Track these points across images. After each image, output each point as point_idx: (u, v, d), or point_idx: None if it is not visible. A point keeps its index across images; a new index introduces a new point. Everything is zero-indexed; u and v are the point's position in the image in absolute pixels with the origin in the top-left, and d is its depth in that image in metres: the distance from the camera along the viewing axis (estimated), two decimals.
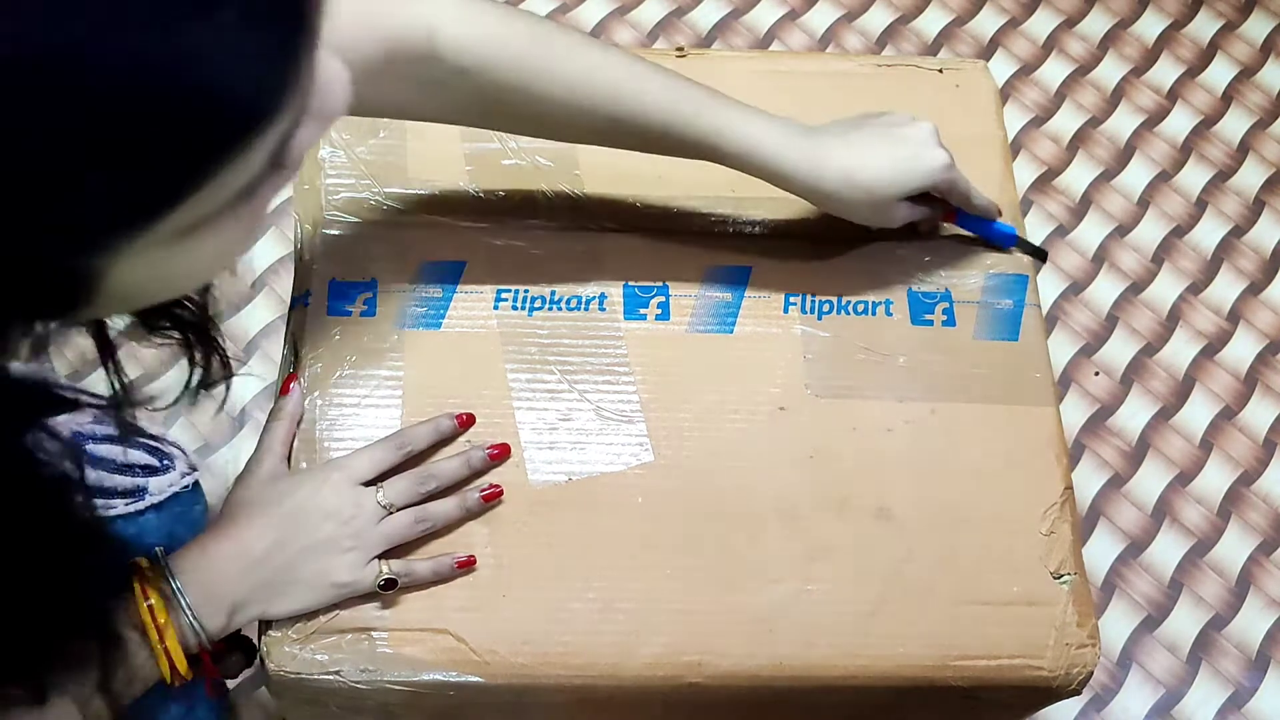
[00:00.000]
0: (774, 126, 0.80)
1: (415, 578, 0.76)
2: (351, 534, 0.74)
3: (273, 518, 0.73)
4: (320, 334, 0.84)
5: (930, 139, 0.83)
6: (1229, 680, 1.33)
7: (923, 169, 0.82)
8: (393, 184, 0.90)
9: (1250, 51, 1.70)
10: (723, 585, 0.80)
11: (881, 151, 0.82)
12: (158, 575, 0.70)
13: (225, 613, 0.71)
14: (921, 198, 0.86)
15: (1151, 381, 1.48)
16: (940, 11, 1.70)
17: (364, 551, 0.74)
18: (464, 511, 0.78)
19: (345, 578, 0.73)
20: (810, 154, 0.80)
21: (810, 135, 0.81)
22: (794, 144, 0.80)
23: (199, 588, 0.70)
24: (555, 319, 0.86)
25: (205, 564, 0.71)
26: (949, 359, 0.88)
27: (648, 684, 0.78)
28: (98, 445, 0.97)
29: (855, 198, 0.82)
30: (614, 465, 0.82)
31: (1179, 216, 1.58)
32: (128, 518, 0.99)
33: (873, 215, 0.85)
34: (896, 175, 0.82)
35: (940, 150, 0.83)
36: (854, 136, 0.82)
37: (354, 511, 0.74)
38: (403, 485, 0.77)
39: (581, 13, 1.66)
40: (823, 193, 0.81)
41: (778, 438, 0.84)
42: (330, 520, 0.73)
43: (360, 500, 0.75)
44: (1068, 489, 0.85)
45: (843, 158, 0.81)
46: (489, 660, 0.76)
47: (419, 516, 0.76)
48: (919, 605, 0.80)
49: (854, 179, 0.81)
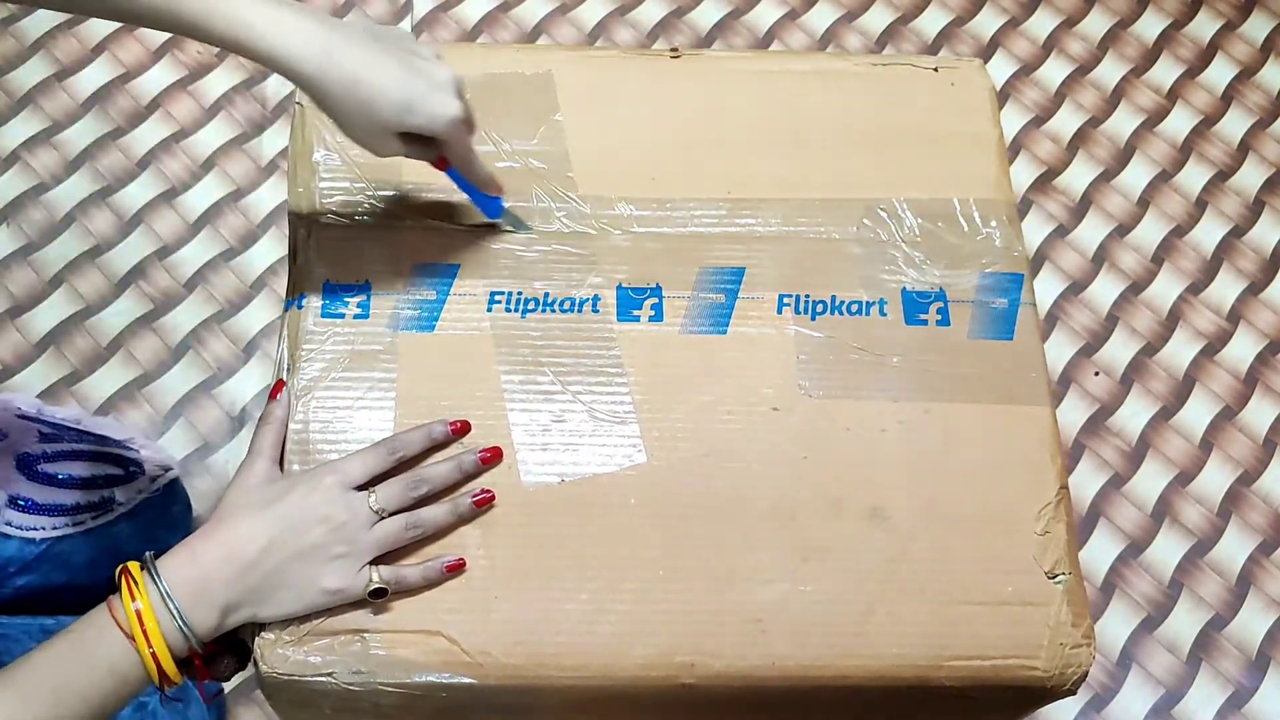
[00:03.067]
0: (282, 7, 0.72)
1: (405, 584, 0.76)
2: (343, 539, 0.73)
3: (264, 521, 0.73)
4: (314, 336, 0.84)
5: (449, 85, 0.77)
6: (1229, 680, 1.33)
7: (430, 110, 0.76)
8: (386, 187, 0.90)
9: (1250, 51, 1.70)
10: (716, 586, 0.80)
11: (396, 74, 0.75)
12: (146, 579, 0.70)
13: (216, 615, 0.71)
14: (417, 140, 0.79)
15: (1151, 381, 1.48)
16: (940, 11, 1.70)
17: (355, 558, 0.74)
18: (456, 517, 0.78)
19: (335, 584, 0.73)
20: (323, 45, 0.73)
21: (328, 25, 0.74)
22: (303, 28, 0.72)
23: (188, 591, 0.70)
24: (549, 321, 0.86)
25: (195, 567, 0.71)
26: (943, 359, 0.88)
27: (641, 685, 0.78)
28: (50, 464, 0.97)
29: (352, 107, 0.74)
30: (607, 466, 0.82)
31: (1179, 216, 1.58)
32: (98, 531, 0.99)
33: (364, 134, 0.77)
34: (402, 103, 0.75)
35: (455, 100, 0.77)
36: (375, 47, 0.75)
37: (346, 516, 0.74)
38: (394, 490, 0.76)
39: (581, 13, 1.66)
40: (322, 88, 0.73)
41: (771, 438, 0.84)
42: (322, 525, 0.73)
43: (352, 505, 0.74)
44: (1063, 488, 0.85)
45: (357, 61, 0.73)
46: (482, 662, 0.76)
47: (410, 523, 0.76)
48: (913, 605, 0.80)
49: (360, 88, 0.74)
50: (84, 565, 0.98)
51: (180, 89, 1.58)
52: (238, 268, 1.49)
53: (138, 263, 1.47)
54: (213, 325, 1.45)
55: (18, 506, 0.94)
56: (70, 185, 1.51)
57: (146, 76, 1.58)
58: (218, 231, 1.50)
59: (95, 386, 1.41)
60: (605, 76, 0.96)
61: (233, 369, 1.43)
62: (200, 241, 1.50)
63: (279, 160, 1.54)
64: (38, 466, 0.96)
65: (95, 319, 1.44)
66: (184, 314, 1.46)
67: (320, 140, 0.90)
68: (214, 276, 1.48)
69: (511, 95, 0.94)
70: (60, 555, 0.96)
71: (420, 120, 0.76)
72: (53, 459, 0.98)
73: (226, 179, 1.52)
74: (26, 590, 0.96)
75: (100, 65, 1.59)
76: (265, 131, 1.56)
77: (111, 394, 1.40)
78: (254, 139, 1.55)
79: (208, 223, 1.51)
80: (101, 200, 1.51)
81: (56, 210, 1.50)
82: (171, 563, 0.71)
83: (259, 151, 1.55)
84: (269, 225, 1.51)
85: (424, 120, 0.76)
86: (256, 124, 1.56)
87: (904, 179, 0.94)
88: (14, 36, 1.60)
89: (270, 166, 1.54)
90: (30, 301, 1.45)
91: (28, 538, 0.95)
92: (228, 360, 1.43)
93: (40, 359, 1.42)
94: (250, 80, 1.59)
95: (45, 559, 0.96)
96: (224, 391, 1.42)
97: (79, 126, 1.55)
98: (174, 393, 1.41)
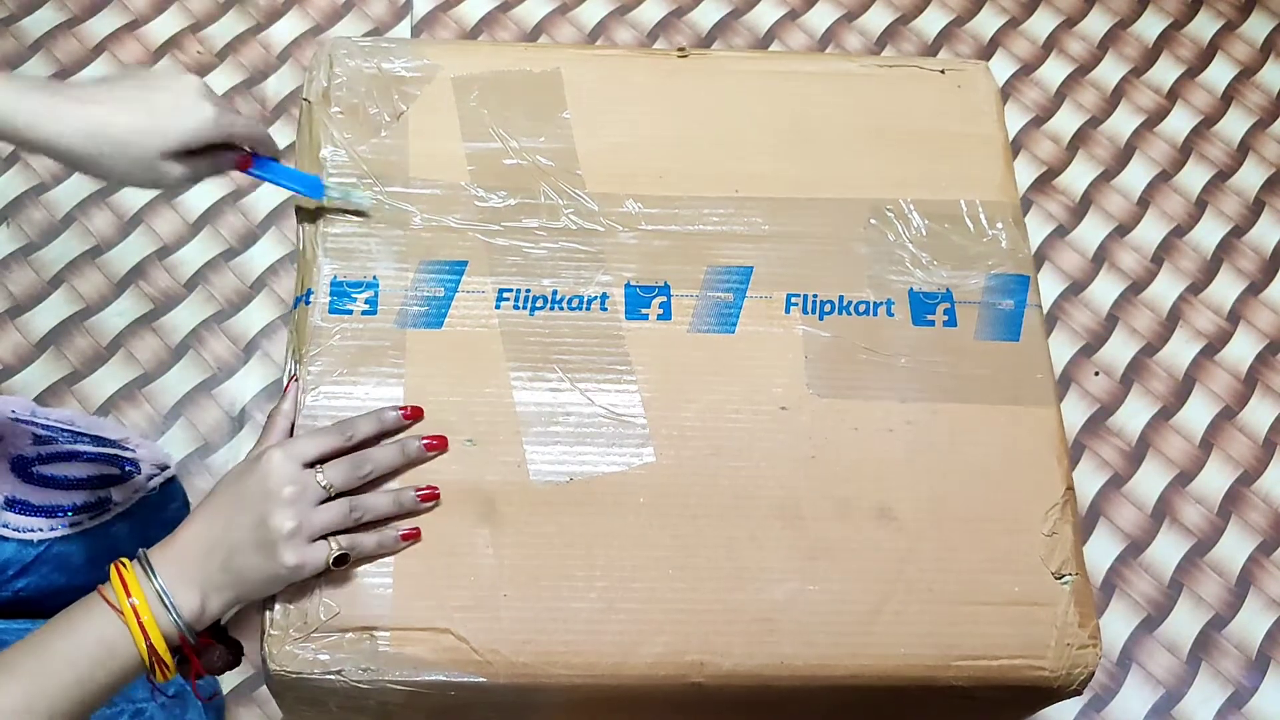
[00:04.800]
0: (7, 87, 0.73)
1: (363, 551, 0.77)
2: (292, 515, 0.74)
3: (223, 499, 0.75)
4: (322, 333, 0.84)
5: (193, 92, 0.78)
6: (1229, 680, 1.33)
7: (188, 122, 0.77)
8: (394, 183, 0.90)
9: (1250, 51, 1.70)
10: (724, 585, 0.80)
11: (137, 104, 0.76)
12: (135, 564, 0.73)
13: (198, 597, 0.72)
14: (204, 152, 0.80)
15: (1151, 381, 1.48)
16: (940, 11, 1.70)
17: (304, 534, 0.74)
18: (398, 506, 0.79)
19: (292, 559, 0.74)
20: (51, 109, 0.73)
21: (51, 89, 0.75)
22: (30, 99, 0.73)
23: (171, 572, 0.72)
24: (557, 319, 0.86)
25: (175, 550, 0.73)
26: (950, 359, 0.88)
27: (649, 683, 0.78)
28: (45, 465, 0.97)
29: (107, 154, 0.75)
30: (616, 465, 0.82)
31: (1179, 216, 1.58)
32: (95, 531, 0.99)
33: (139, 174, 0.77)
34: (156, 127, 0.76)
35: (204, 102, 0.78)
36: (103, 92, 0.76)
37: (295, 493, 0.75)
38: (341, 469, 0.77)
39: (581, 13, 1.66)
40: (65, 150, 0.74)
41: (779, 438, 0.84)
42: (270, 500, 0.74)
43: (302, 480, 0.75)
44: (1069, 489, 0.85)
45: (88, 113, 0.74)
46: (491, 660, 0.76)
47: (354, 505, 0.77)
48: (920, 605, 0.80)
49: (104, 134, 0.74)
50: (82, 566, 0.98)
51: None
52: (238, 268, 1.48)
53: (138, 263, 1.47)
54: (213, 325, 1.45)
55: (14, 509, 0.94)
56: (70, 185, 1.51)
57: None
58: (218, 231, 1.50)
59: (95, 386, 1.41)
60: (613, 75, 0.96)
61: (233, 369, 1.43)
62: (200, 241, 1.49)
63: None
64: (33, 468, 0.96)
65: (95, 319, 1.44)
66: (184, 314, 1.45)
67: (328, 137, 0.90)
68: (214, 276, 1.48)
69: (519, 93, 0.94)
70: (58, 557, 0.96)
71: (185, 136, 0.77)
72: (48, 460, 0.98)
73: (226, 179, 1.52)
74: (25, 593, 0.96)
75: (100, 65, 1.58)
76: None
77: (111, 394, 1.40)
78: None
79: (208, 223, 1.50)
80: (101, 200, 1.50)
81: (56, 210, 1.50)
82: (158, 552, 0.73)
83: None
84: (269, 225, 1.51)
85: (189, 134, 0.78)
86: None
87: (911, 180, 0.94)
88: (14, 36, 1.60)
89: None
90: (30, 301, 1.44)
91: (25, 540, 0.94)
92: (228, 360, 1.43)
93: (40, 359, 1.41)
94: (250, 80, 1.59)
95: (43, 561, 0.96)
96: (224, 391, 1.42)
97: None
98: (174, 393, 1.41)
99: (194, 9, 1.63)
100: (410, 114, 0.92)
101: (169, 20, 1.62)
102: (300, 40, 1.63)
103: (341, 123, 0.91)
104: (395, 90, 0.93)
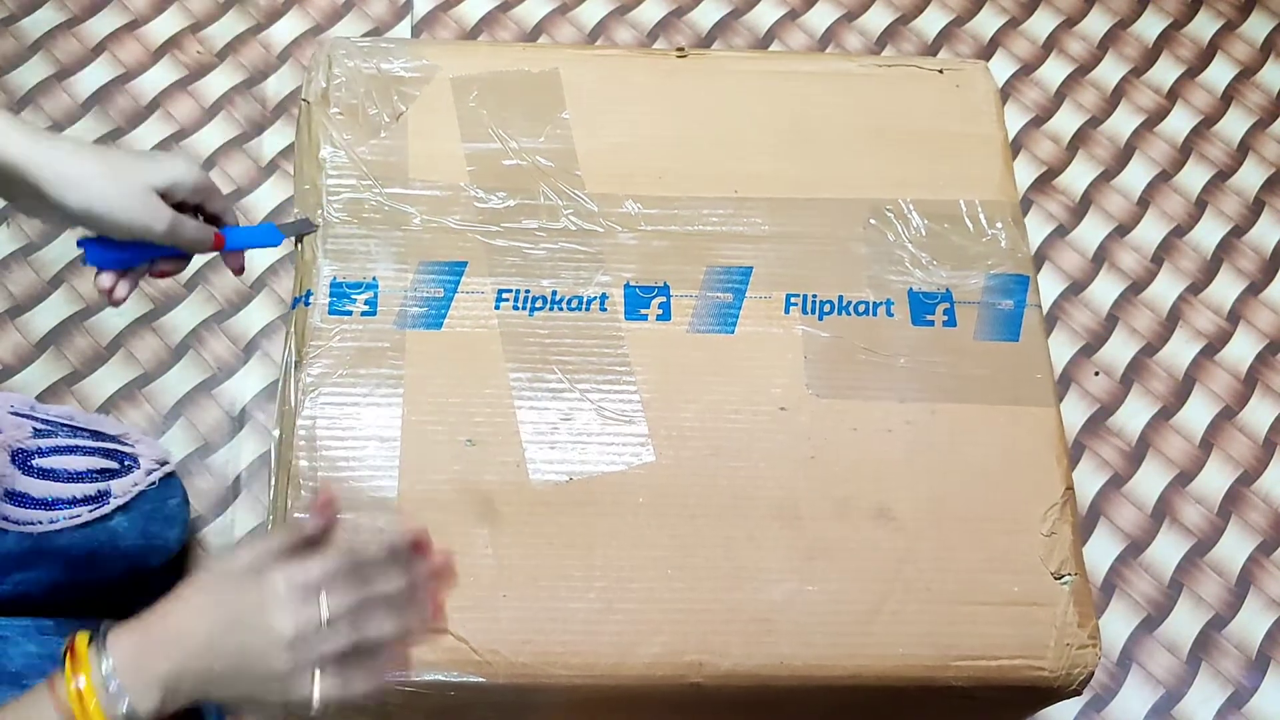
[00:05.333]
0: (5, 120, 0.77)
1: (352, 695, 0.69)
2: (290, 659, 0.68)
3: (213, 617, 0.68)
4: (321, 333, 0.84)
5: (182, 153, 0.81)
6: (1229, 680, 1.33)
7: (178, 164, 0.81)
8: (394, 184, 0.90)
9: (1250, 51, 1.70)
10: (723, 585, 0.80)
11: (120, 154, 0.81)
12: (91, 653, 0.66)
13: (157, 693, 0.66)
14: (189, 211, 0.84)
15: (1151, 381, 1.48)
16: (940, 11, 1.70)
17: (299, 675, 0.68)
18: (405, 633, 0.71)
19: (278, 699, 0.68)
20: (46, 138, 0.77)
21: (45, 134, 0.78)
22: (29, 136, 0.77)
23: (131, 666, 0.66)
24: (556, 319, 0.86)
25: (143, 643, 0.67)
26: (950, 360, 0.88)
27: (648, 684, 0.78)
28: (44, 459, 0.97)
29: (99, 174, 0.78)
30: (615, 465, 0.82)
31: (1179, 216, 1.58)
32: (95, 524, 0.99)
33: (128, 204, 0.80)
34: (140, 164, 0.80)
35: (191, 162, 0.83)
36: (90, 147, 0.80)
37: (295, 634, 0.68)
38: (346, 601, 0.69)
39: (581, 13, 1.66)
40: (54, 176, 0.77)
41: (778, 438, 0.84)
42: (264, 636, 0.67)
43: (301, 618, 0.68)
44: (1068, 489, 0.85)
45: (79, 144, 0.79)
46: (490, 660, 0.76)
47: (358, 644, 0.69)
48: (919, 605, 0.80)
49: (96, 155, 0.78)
50: (82, 559, 0.98)
51: (180, 89, 1.57)
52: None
53: None
54: (213, 325, 1.45)
55: (13, 501, 0.94)
56: None
57: (146, 76, 1.58)
58: None
59: (95, 386, 1.40)
60: (612, 75, 0.96)
61: (233, 369, 1.43)
62: None
63: (279, 160, 1.53)
64: (32, 462, 0.96)
65: (95, 319, 1.44)
66: (184, 314, 1.45)
67: (327, 137, 0.90)
68: (214, 276, 1.47)
69: (518, 93, 0.94)
70: (58, 549, 0.96)
71: (166, 173, 0.80)
72: (47, 454, 0.98)
73: (226, 179, 1.52)
74: (25, 586, 0.96)
75: (100, 65, 1.58)
76: (265, 131, 1.56)
77: (111, 394, 1.40)
78: (254, 139, 1.55)
79: None
80: None
81: None
82: (123, 632, 0.67)
83: (259, 151, 1.54)
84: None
85: (170, 174, 0.80)
86: (256, 124, 1.56)
87: (910, 180, 0.94)
88: (14, 36, 1.60)
89: (270, 166, 1.53)
90: (30, 301, 1.44)
91: (24, 532, 0.95)
92: (228, 360, 1.43)
93: (40, 359, 1.41)
94: (250, 80, 1.59)
95: (43, 554, 0.96)
96: (224, 391, 1.41)
97: (79, 127, 1.54)
98: (174, 393, 1.41)
99: (194, 9, 1.63)
100: (409, 114, 0.92)
101: (169, 20, 1.62)
102: (300, 40, 1.63)
103: (341, 123, 0.91)
104: (394, 91, 0.93)
